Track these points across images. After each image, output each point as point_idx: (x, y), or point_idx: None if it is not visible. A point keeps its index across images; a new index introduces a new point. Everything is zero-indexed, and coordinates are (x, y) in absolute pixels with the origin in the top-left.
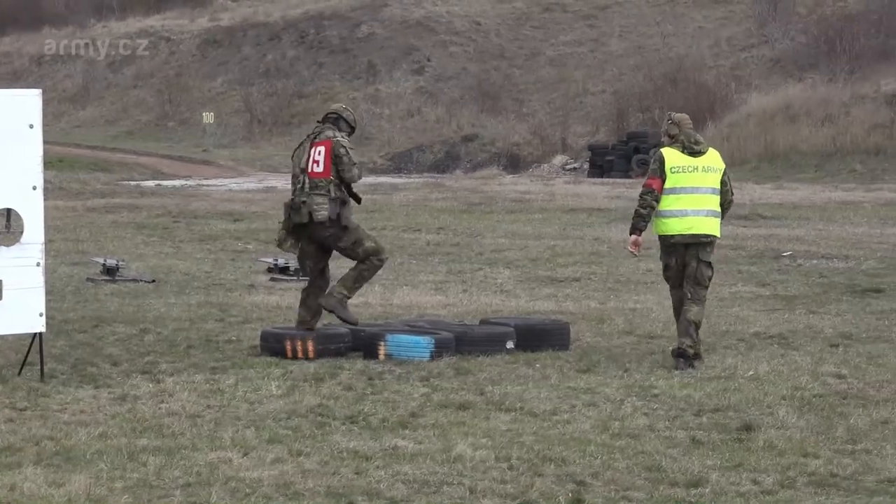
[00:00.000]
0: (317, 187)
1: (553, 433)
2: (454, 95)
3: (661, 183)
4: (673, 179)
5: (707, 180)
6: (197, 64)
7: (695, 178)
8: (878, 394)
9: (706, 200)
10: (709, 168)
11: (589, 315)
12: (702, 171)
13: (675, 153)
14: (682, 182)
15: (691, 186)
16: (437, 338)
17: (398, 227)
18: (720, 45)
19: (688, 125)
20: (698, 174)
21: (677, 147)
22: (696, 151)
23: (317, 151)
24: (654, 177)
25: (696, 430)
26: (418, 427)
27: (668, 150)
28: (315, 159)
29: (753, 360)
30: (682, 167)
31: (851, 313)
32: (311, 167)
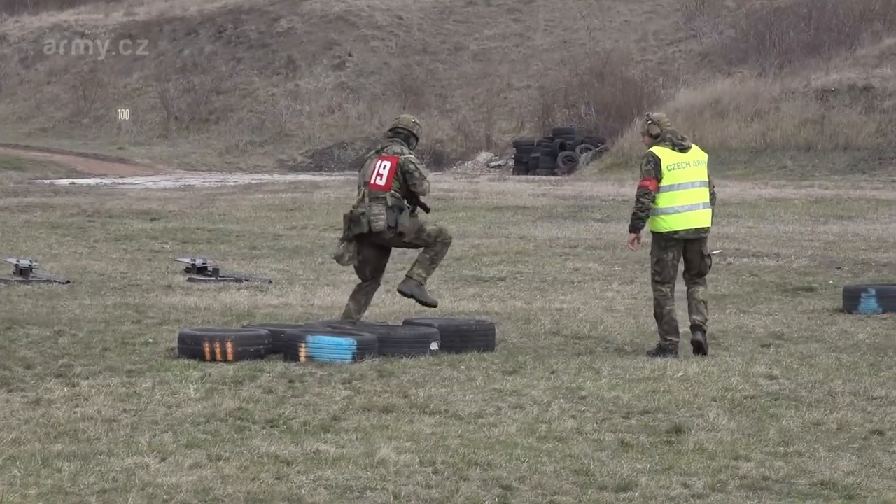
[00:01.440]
0: (376, 198)
1: (479, 436)
2: (376, 91)
3: (656, 183)
4: (671, 177)
5: (698, 174)
6: (112, 59)
7: (689, 173)
8: (811, 395)
9: (700, 194)
10: (698, 162)
11: (515, 315)
12: (693, 165)
13: (668, 151)
14: (680, 178)
15: (688, 182)
16: (359, 339)
17: (319, 225)
18: (647, 40)
19: (668, 123)
20: (690, 169)
21: (667, 145)
22: (685, 147)
23: (382, 165)
24: (648, 177)
25: (625, 433)
26: (340, 431)
27: (659, 149)
28: (379, 172)
29: (683, 360)
30: (677, 164)
31: (782, 313)
32: (374, 180)
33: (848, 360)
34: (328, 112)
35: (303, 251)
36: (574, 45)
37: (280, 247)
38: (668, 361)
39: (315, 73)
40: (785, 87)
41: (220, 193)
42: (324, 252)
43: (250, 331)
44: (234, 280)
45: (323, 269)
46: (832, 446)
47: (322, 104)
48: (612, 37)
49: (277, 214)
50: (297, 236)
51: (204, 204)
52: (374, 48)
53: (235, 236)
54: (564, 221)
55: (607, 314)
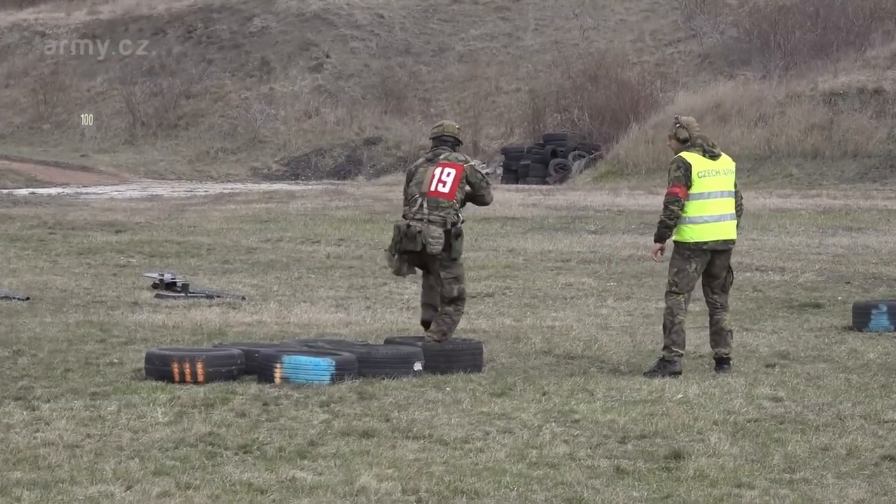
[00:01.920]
0: (437, 207)
1: (465, 463)
2: (355, 95)
3: (686, 190)
4: (701, 185)
5: (726, 183)
6: (74, 61)
7: (719, 181)
8: (818, 418)
9: (728, 204)
10: (727, 171)
11: (503, 333)
12: (723, 174)
13: (699, 157)
14: (710, 187)
15: (718, 191)
16: (338, 359)
17: (295, 238)
18: (644, 40)
19: (697, 128)
20: (720, 177)
21: (697, 151)
22: (716, 154)
23: (444, 172)
24: (678, 184)
25: (621, 459)
26: (318, 457)
27: (690, 154)
28: (441, 180)
29: (683, 381)
30: (708, 171)
31: (788, 330)
32: (436, 187)
33: (858, 381)
34: (305, 117)
35: (278, 265)
36: (566, 45)
37: (254, 261)
38: (666, 382)
39: (291, 75)
40: (790, 91)
41: (190, 204)
42: (300, 266)
43: (222, 350)
44: (205, 296)
45: (299, 284)
46: (841, 473)
47: (298, 109)
48: (606, 37)
49: (251, 226)
50: (272, 249)
51: (173, 215)
52: (353, 49)
53: (206, 250)
54: (556, 233)
55: (602, 332)
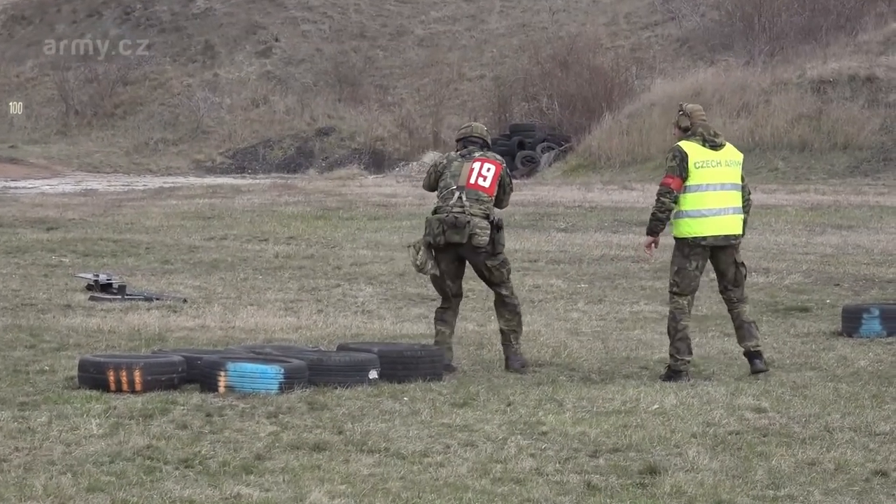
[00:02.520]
0: (478, 200)
1: (424, 478)
2: (307, 82)
3: (680, 182)
4: (698, 176)
5: (730, 175)
6: (2, 45)
7: (719, 173)
8: (804, 430)
9: (731, 198)
10: (731, 162)
11: (466, 339)
12: (724, 165)
13: (697, 147)
14: (708, 178)
15: (718, 183)
16: (286, 367)
17: (241, 236)
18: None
19: (701, 116)
20: (721, 169)
21: (697, 140)
22: (717, 144)
23: (485, 167)
24: (672, 175)
25: (592, 474)
26: (265, 472)
27: (687, 143)
28: (482, 174)
29: (659, 391)
30: (707, 161)
31: (773, 336)
32: (477, 180)
33: (847, 390)
34: (252, 106)
35: (222, 265)
36: (534, 28)
37: (196, 260)
38: (641, 392)
39: (237, 60)
40: (776, 78)
41: (128, 199)
42: (247, 266)
43: (162, 357)
44: (144, 299)
45: (245, 286)
46: (829, 489)
47: (245, 96)
48: (577, 19)
49: (193, 223)
50: (216, 248)
51: (108, 211)
52: (304, 32)
53: (145, 248)
54: (523, 231)
55: (572, 338)
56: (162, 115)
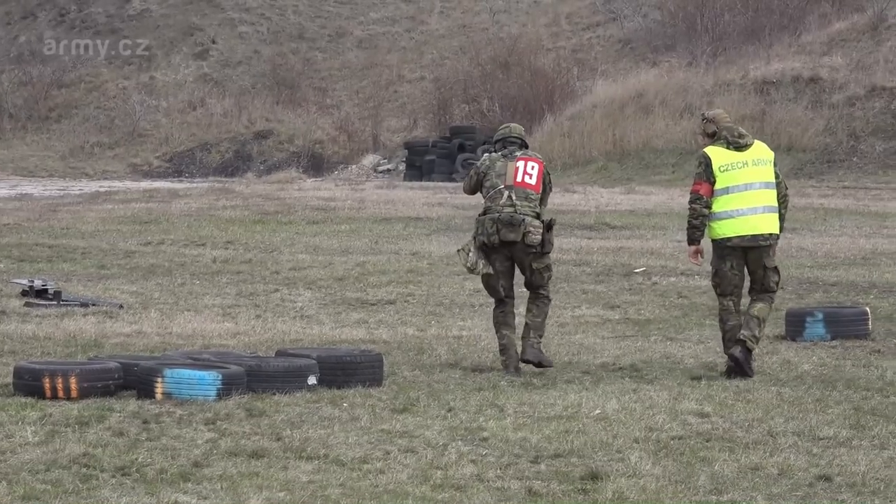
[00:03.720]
0: (527, 198)
1: (363, 485)
2: (244, 84)
3: (709, 187)
4: (724, 179)
5: (759, 174)
6: None
7: (746, 173)
8: (747, 435)
9: (761, 196)
10: (759, 161)
11: (406, 344)
12: (752, 164)
13: (720, 150)
14: (734, 180)
15: (744, 183)
16: (224, 373)
17: (178, 241)
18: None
19: (726, 120)
20: (748, 169)
21: (721, 144)
22: (742, 145)
23: (529, 166)
24: (700, 181)
25: (533, 480)
26: (203, 479)
27: (711, 148)
28: (527, 172)
29: (601, 395)
30: (731, 164)
31: (716, 340)
32: (523, 178)
33: (791, 394)
34: (189, 108)
35: (159, 270)
36: (475, 29)
37: (133, 266)
38: (583, 397)
39: (173, 63)
40: (719, 79)
41: (63, 204)
42: (184, 271)
43: (98, 363)
44: (80, 305)
45: (182, 291)
46: (772, 494)
47: (181, 99)
48: (518, 20)
49: (130, 228)
50: (153, 253)
51: (44, 216)
52: (241, 34)
53: (81, 253)
54: (464, 235)
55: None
56: (98, 119)
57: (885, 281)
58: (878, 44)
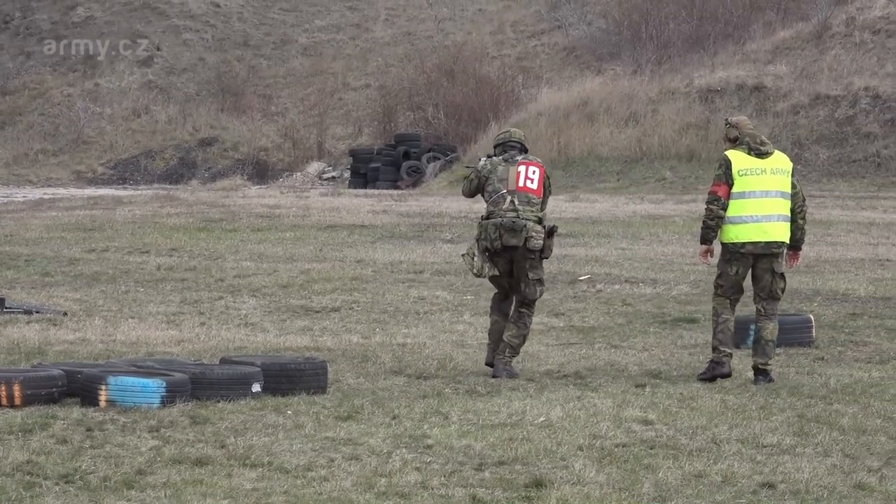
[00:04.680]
0: (529, 203)
1: (307, 492)
2: (189, 91)
3: (727, 189)
4: (741, 183)
5: (776, 183)
6: None
7: (764, 181)
8: (691, 442)
9: (777, 205)
10: (777, 170)
11: (350, 352)
12: (770, 173)
13: (742, 155)
14: (752, 186)
15: (761, 190)
16: (168, 380)
17: (122, 248)
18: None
19: (749, 126)
20: (767, 177)
21: (743, 149)
22: (763, 153)
23: (531, 170)
24: (719, 182)
25: (478, 488)
26: (147, 487)
27: (732, 152)
28: (529, 177)
29: (545, 403)
30: (750, 169)
31: (660, 347)
32: (525, 183)
33: (735, 401)
34: (133, 116)
35: (103, 278)
36: (420, 37)
37: (77, 273)
38: (527, 404)
39: (118, 70)
40: (664, 87)
41: (7, 211)
42: (128, 279)
43: (41, 371)
44: (23, 312)
45: (127, 298)
46: (716, 501)
47: (126, 106)
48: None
49: (74, 235)
50: (97, 260)
51: None
52: (186, 41)
53: (24, 261)
54: (408, 242)
55: (457, 350)
56: (42, 126)
57: (829, 289)
58: (822, 52)
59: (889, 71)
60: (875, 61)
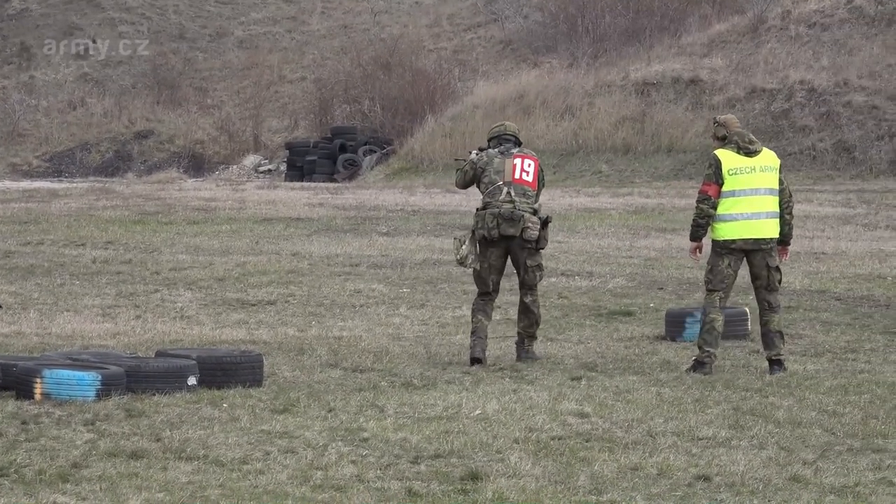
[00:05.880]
0: (525, 195)
1: (243, 485)
2: (125, 84)
3: (717, 188)
4: (731, 182)
5: (765, 181)
6: None
7: (753, 179)
8: (627, 435)
9: (766, 202)
10: (766, 168)
11: (286, 345)
12: (759, 171)
13: (731, 154)
14: (741, 184)
15: (751, 188)
16: (104, 373)
17: (58, 241)
18: (441, 24)
19: (737, 125)
20: (756, 175)
21: (731, 148)
22: (752, 151)
23: (526, 163)
24: (709, 182)
25: (414, 481)
26: (82, 480)
27: (722, 151)
28: (525, 169)
29: (481, 396)
30: (740, 168)
31: (596, 340)
32: (521, 175)
33: (670, 394)
34: (69, 108)
35: (39, 271)
36: (356, 30)
37: (11, 266)
38: (463, 397)
39: (53, 62)
40: (600, 80)
41: None
42: (63, 271)
43: None
44: None
45: (62, 291)
46: (651, 494)
47: (62, 99)
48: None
49: (9, 228)
50: (32, 253)
51: None
52: (122, 34)
53: None
54: (344, 235)
55: (394, 343)
56: None
57: None
58: (758, 45)
59: (824, 64)
60: (810, 55)
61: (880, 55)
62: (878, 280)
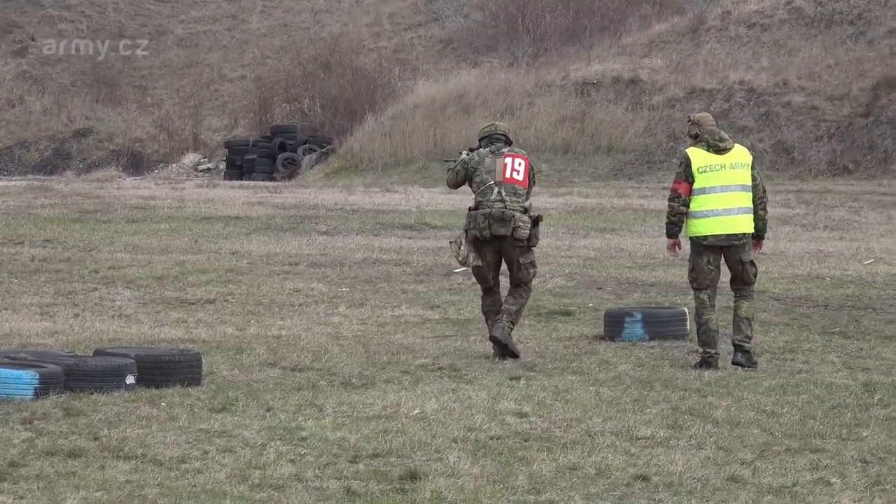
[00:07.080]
0: (516, 194)
1: (181, 484)
2: (64, 82)
3: (688, 186)
4: (702, 179)
5: (736, 177)
6: None
7: (723, 176)
8: (566, 435)
9: (737, 198)
10: (737, 164)
11: (225, 343)
12: (730, 168)
13: (701, 152)
14: (711, 181)
15: (721, 185)
16: (42, 372)
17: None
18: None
19: (710, 123)
20: (726, 172)
21: (702, 146)
22: (722, 149)
23: (516, 162)
24: (679, 180)
25: (352, 480)
26: (19, 479)
27: (692, 149)
28: (515, 168)
29: (420, 395)
30: (709, 166)
31: (535, 340)
32: (511, 175)
33: (609, 394)
34: (7, 106)
35: None
36: (296, 29)
37: None
38: (402, 397)
39: None
40: (540, 80)
41: None
42: (2, 270)
43: None
44: None
45: (0, 290)
46: (590, 494)
47: (0, 96)
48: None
49: None
50: None
51: None
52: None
53: None
54: (284, 234)
55: (333, 342)
56: None
57: None
58: (698, 46)
59: (764, 65)
60: (750, 55)
61: (819, 56)
62: (817, 280)
